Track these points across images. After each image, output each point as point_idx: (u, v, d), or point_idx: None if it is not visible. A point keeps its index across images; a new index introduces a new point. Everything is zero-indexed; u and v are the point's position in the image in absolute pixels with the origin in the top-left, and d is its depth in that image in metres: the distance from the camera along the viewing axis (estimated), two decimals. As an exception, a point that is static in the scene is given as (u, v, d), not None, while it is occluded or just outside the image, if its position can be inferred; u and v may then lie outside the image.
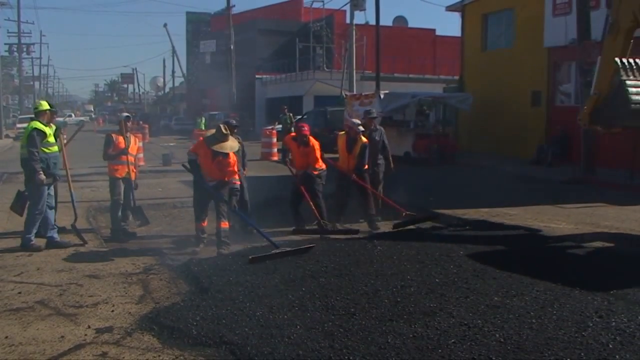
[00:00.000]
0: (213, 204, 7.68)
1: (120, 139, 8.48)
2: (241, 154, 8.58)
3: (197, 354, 4.36)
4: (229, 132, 7.53)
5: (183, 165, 8.10)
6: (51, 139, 7.69)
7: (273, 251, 6.75)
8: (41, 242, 7.65)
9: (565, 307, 5.06)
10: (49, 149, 7.66)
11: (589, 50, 14.33)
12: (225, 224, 7.56)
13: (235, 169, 7.61)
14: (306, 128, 8.47)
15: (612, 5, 8.76)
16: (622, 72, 7.82)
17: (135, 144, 8.76)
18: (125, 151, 8.43)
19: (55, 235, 7.73)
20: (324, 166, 8.56)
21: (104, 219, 9.73)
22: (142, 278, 6.30)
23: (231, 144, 7.56)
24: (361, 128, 8.86)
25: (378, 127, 9.79)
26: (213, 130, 7.78)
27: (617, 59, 8.02)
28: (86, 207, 10.46)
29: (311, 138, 8.46)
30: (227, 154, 7.47)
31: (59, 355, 4.37)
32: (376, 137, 9.47)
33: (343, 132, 9.16)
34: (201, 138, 7.97)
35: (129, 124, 8.75)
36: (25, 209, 7.84)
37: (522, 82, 19.62)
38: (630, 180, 13.28)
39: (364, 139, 8.88)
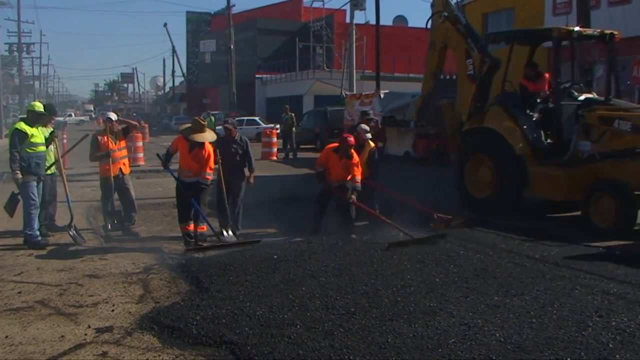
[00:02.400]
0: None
1: (106, 139, 8.49)
2: (246, 154, 8.55)
3: (197, 353, 4.36)
4: (205, 123, 7.79)
5: (158, 155, 8.23)
6: (36, 139, 7.75)
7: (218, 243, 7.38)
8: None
9: (565, 306, 5.06)
10: (32, 149, 7.72)
11: (590, 50, 14.33)
12: (202, 228, 7.77)
13: (210, 162, 7.65)
14: (352, 139, 8.12)
15: (430, 28, 11.23)
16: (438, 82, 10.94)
17: (122, 139, 8.75)
18: (110, 152, 8.42)
19: (34, 233, 7.73)
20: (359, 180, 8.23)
21: (103, 219, 9.72)
22: (142, 278, 6.30)
23: (208, 135, 7.71)
24: (369, 135, 8.76)
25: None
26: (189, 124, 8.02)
27: (434, 72, 11.02)
28: (86, 207, 10.45)
29: (353, 152, 8.17)
30: (202, 144, 7.57)
31: (59, 355, 4.37)
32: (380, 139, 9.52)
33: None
34: (179, 135, 8.06)
35: (113, 125, 8.69)
36: (15, 211, 7.95)
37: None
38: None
39: (372, 144, 8.85)
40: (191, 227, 7.81)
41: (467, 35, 10.43)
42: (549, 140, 9.33)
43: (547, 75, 10.12)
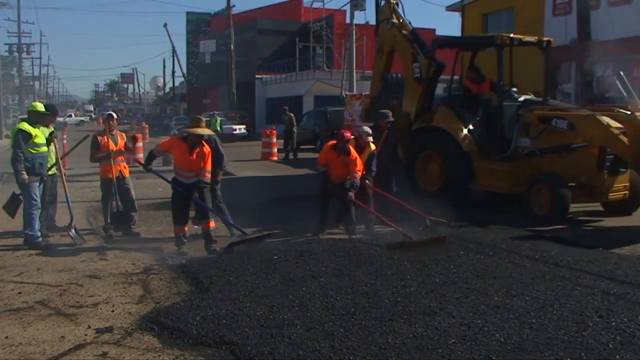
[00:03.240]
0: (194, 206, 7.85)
1: (106, 139, 8.49)
2: (216, 152, 8.22)
3: (197, 354, 4.36)
4: (202, 118, 7.89)
5: (136, 161, 8.24)
6: (39, 140, 7.76)
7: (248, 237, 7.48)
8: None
9: (565, 306, 5.06)
10: (35, 150, 7.73)
11: (589, 50, 14.34)
12: (211, 224, 7.69)
13: (208, 162, 7.63)
14: (348, 134, 8.19)
15: (378, 34, 11.99)
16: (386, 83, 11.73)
17: (121, 139, 8.76)
18: (111, 153, 8.43)
19: (35, 234, 7.73)
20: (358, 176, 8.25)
21: (103, 219, 9.72)
22: (142, 278, 6.30)
23: (205, 130, 7.77)
24: (370, 138, 8.79)
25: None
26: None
27: (382, 73, 11.86)
28: (86, 207, 10.46)
29: (351, 147, 8.22)
30: (202, 143, 7.57)
31: (59, 356, 4.37)
32: (392, 140, 9.45)
33: (353, 137, 9.10)
34: (171, 137, 8.08)
35: (113, 123, 8.73)
36: (16, 212, 7.92)
37: (522, 81, 19.59)
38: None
39: (373, 147, 8.86)
40: (187, 229, 7.79)
41: (413, 40, 11.28)
42: (492, 138, 10.04)
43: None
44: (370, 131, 8.91)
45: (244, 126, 32.30)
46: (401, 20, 11.52)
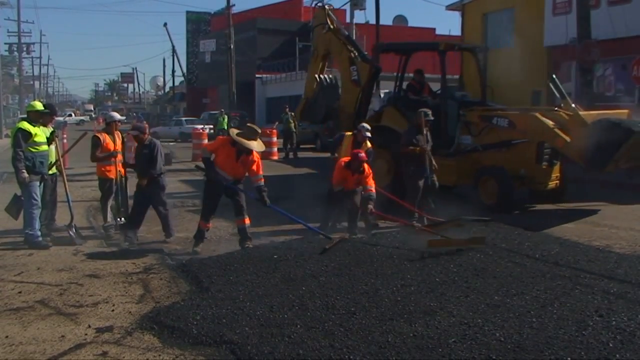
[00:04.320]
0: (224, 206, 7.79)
1: (108, 139, 8.50)
2: (152, 157, 8.05)
3: (197, 353, 4.37)
4: (258, 130, 7.66)
5: (196, 167, 8.18)
6: (39, 139, 7.77)
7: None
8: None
9: (565, 306, 5.06)
10: (35, 148, 7.74)
11: (589, 50, 14.35)
12: (247, 220, 7.66)
13: (259, 167, 7.61)
14: (363, 154, 8.21)
15: (312, 38, 12.66)
16: (322, 85, 12.27)
17: (119, 139, 8.78)
18: (114, 153, 8.45)
19: (35, 233, 7.73)
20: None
21: (103, 219, 9.72)
22: (143, 277, 6.31)
23: (258, 144, 7.57)
24: (368, 134, 8.80)
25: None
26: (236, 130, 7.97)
27: (316, 76, 12.39)
28: (86, 206, 10.47)
29: (365, 165, 8.24)
30: (250, 151, 7.48)
31: (59, 355, 4.37)
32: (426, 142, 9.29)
33: (350, 132, 9.08)
34: (220, 137, 8.03)
35: (118, 125, 8.81)
36: (20, 213, 7.91)
37: (522, 81, 19.62)
38: (629, 180, 13.28)
39: (369, 144, 8.88)
40: (210, 225, 7.80)
41: (349, 45, 11.92)
42: (436, 136, 10.39)
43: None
44: (369, 127, 8.99)
45: (211, 126, 33.10)
46: (334, 26, 12.11)
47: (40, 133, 7.81)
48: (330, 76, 12.93)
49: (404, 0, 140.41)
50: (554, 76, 10.44)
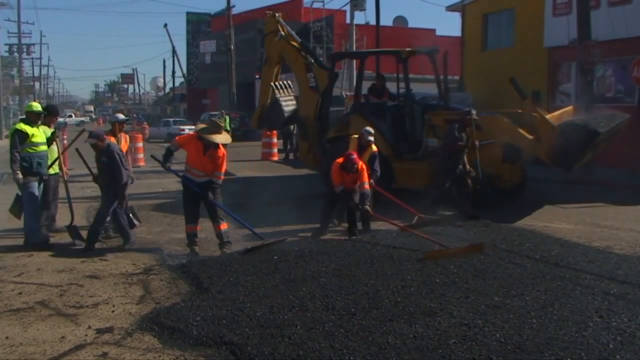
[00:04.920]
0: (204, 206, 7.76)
1: (112, 139, 8.52)
2: (109, 165, 7.70)
3: (197, 354, 4.37)
4: (223, 125, 7.73)
5: (151, 156, 8.20)
6: (37, 139, 7.78)
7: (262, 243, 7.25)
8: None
9: (565, 307, 5.06)
10: (33, 149, 7.76)
11: (590, 50, 14.33)
12: (224, 226, 7.66)
13: (224, 163, 7.63)
14: (355, 156, 8.25)
15: (264, 45, 12.75)
16: (277, 92, 12.33)
17: (125, 142, 8.81)
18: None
19: (36, 234, 7.73)
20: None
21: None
22: (143, 278, 6.31)
23: (224, 137, 7.69)
24: (371, 138, 8.84)
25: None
26: (202, 125, 8.04)
27: (272, 83, 12.42)
28: (86, 207, 10.46)
29: (360, 162, 8.29)
30: (217, 146, 7.54)
31: (59, 356, 4.37)
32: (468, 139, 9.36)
33: (357, 135, 9.10)
34: (192, 132, 8.03)
35: (121, 126, 8.86)
36: (22, 213, 7.92)
37: (523, 82, 19.56)
38: (630, 180, 13.29)
39: (374, 148, 8.91)
40: (197, 228, 7.75)
41: (305, 52, 12.18)
42: (403, 141, 11.00)
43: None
44: (372, 131, 8.96)
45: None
46: (286, 33, 12.32)
47: (39, 134, 7.83)
48: (286, 82, 13.09)
49: (404, 1, 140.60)
50: (515, 77, 10.71)
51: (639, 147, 13.53)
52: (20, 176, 7.61)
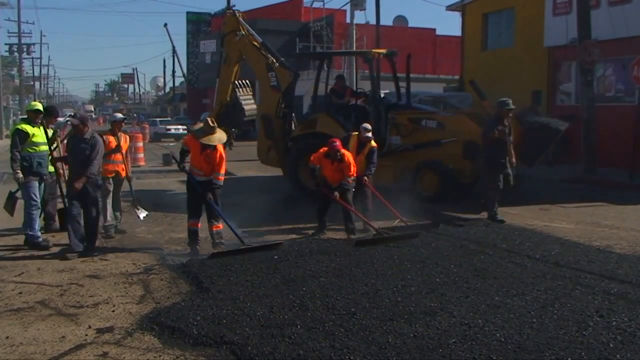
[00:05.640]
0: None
1: (111, 138, 8.57)
2: (89, 156, 7.33)
3: (197, 353, 4.37)
4: (215, 125, 7.62)
5: (172, 157, 8.14)
6: (37, 139, 7.78)
7: (241, 247, 7.15)
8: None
9: (565, 306, 5.06)
10: (33, 149, 7.77)
11: (590, 50, 14.33)
12: (218, 227, 7.63)
13: (222, 164, 7.60)
14: (338, 143, 8.28)
15: (224, 44, 12.74)
16: (237, 90, 12.56)
17: (125, 142, 8.81)
18: (115, 150, 8.48)
19: (36, 234, 7.72)
20: (354, 175, 8.43)
21: (103, 219, 9.74)
22: (143, 278, 6.31)
23: (219, 136, 7.62)
24: (369, 134, 8.87)
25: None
26: (201, 124, 7.91)
27: (232, 82, 12.53)
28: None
29: (345, 152, 8.34)
30: (214, 147, 7.51)
31: (59, 356, 4.37)
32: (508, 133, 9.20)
33: (357, 133, 9.14)
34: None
35: (121, 125, 8.87)
36: (14, 209, 7.90)
37: (523, 81, 19.60)
38: (630, 180, 13.29)
39: (374, 144, 8.95)
40: (199, 225, 7.71)
41: (266, 51, 12.29)
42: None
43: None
44: (369, 127, 9.02)
45: (183, 126, 34.78)
46: (246, 32, 12.44)
47: (40, 133, 7.84)
48: (245, 82, 13.21)
49: (404, 0, 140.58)
50: (473, 80, 11.45)
51: (639, 147, 13.52)
52: (21, 175, 7.63)
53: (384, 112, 11.24)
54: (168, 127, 36.28)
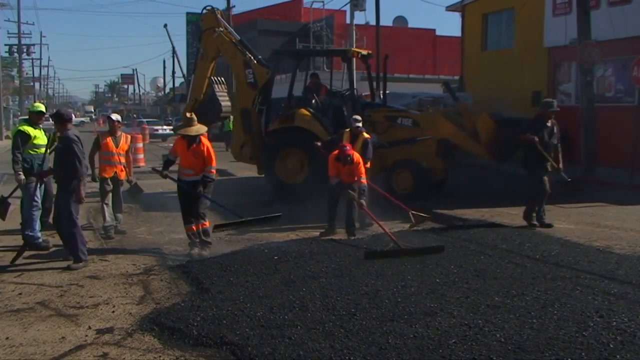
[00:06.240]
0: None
1: (108, 140, 8.62)
2: (67, 156, 6.80)
3: (197, 354, 4.36)
4: (193, 116, 7.73)
5: (153, 169, 8.20)
6: (38, 141, 7.80)
7: (239, 220, 7.40)
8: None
9: (565, 307, 5.06)
10: (34, 150, 7.80)
11: (589, 50, 14.33)
12: (206, 224, 7.58)
13: (212, 157, 7.57)
14: (349, 147, 8.35)
15: (201, 41, 12.97)
16: (214, 86, 12.74)
17: (125, 142, 8.81)
18: (110, 152, 8.49)
19: (36, 234, 7.71)
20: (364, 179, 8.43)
21: (102, 219, 9.73)
22: (143, 279, 6.31)
23: (197, 128, 7.66)
24: (359, 124, 8.98)
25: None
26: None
27: (208, 78, 12.70)
28: (86, 207, 10.45)
29: (355, 153, 8.38)
30: (199, 140, 7.52)
31: (59, 356, 4.37)
32: (550, 135, 8.95)
33: (348, 130, 9.21)
34: (178, 138, 8.07)
35: (117, 124, 8.87)
36: (7, 214, 7.74)
37: (522, 82, 19.60)
38: (630, 180, 13.28)
39: (366, 135, 9.05)
40: (194, 227, 7.67)
41: (243, 48, 12.47)
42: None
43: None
44: (359, 118, 9.18)
45: (169, 127, 34.77)
46: (224, 29, 12.60)
47: (41, 135, 7.86)
48: (221, 78, 13.37)
49: (404, 1, 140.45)
50: (447, 82, 12.06)
51: (639, 147, 13.51)
52: (23, 177, 7.62)
53: (361, 110, 11.43)
54: (155, 127, 36.87)
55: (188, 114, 7.79)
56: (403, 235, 8.08)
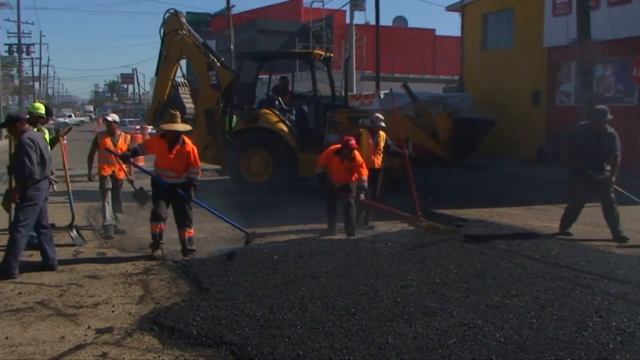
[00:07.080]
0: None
1: (107, 138, 8.66)
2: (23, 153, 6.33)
3: (197, 354, 4.36)
4: (177, 113, 7.55)
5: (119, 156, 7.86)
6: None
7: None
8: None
9: (565, 307, 5.06)
10: None
11: (589, 50, 14.33)
12: (190, 232, 7.36)
13: (195, 159, 7.24)
14: (354, 142, 8.26)
15: (164, 43, 12.94)
16: (180, 88, 13.35)
17: (124, 142, 8.81)
18: (108, 151, 8.49)
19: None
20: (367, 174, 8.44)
21: (102, 219, 9.72)
22: (142, 278, 6.31)
23: (182, 125, 7.44)
24: (382, 124, 9.09)
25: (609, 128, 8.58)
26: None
27: (171, 80, 13.18)
28: (86, 207, 10.47)
29: (356, 151, 8.31)
30: (183, 141, 7.21)
31: (59, 356, 4.37)
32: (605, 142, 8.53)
33: (362, 130, 9.31)
34: (154, 136, 7.96)
35: (114, 125, 8.85)
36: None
37: (522, 82, 19.62)
38: (630, 180, 13.27)
39: (383, 134, 9.18)
40: (161, 227, 7.34)
41: (207, 51, 12.74)
42: (307, 135, 12.07)
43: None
44: (382, 117, 9.27)
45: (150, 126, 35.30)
46: (187, 32, 12.79)
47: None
48: (184, 81, 13.69)
49: (404, 1, 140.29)
50: (406, 83, 12.10)
51: (639, 147, 13.52)
52: None
53: (323, 110, 11.76)
54: (137, 127, 36.84)
55: (173, 110, 7.60)
56: (404, 234, 8.08)
